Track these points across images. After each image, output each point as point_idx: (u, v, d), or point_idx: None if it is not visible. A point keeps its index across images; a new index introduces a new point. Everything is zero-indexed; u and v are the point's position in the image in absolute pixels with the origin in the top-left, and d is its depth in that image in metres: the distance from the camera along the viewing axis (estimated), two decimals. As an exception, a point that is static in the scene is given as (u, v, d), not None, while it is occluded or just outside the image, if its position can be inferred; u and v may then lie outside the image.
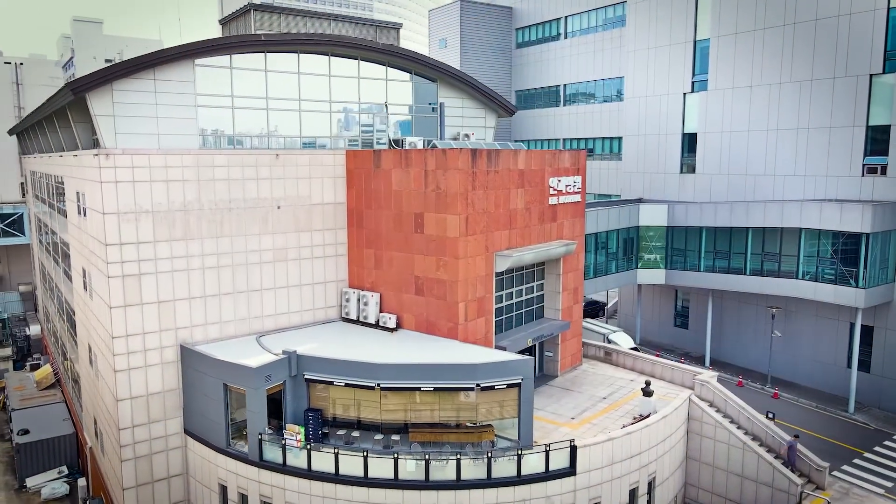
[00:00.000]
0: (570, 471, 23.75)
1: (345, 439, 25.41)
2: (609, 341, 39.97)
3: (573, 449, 23.72)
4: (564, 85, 64.16)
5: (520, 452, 23.27)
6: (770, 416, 31.45)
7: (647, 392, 28.65)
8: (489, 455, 23.08)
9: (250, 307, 28.33)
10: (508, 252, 28.66)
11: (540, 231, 31.25)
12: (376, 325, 29.67)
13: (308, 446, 23.82)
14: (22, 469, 35.47)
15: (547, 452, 23.50)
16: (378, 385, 24.58)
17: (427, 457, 22.92)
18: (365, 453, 23.15)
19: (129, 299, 25.29)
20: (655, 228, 42.66)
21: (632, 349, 38.85)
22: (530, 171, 30.22)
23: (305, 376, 25.45)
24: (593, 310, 55.70)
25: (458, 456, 22.98)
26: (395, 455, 23.01)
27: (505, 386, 24.72)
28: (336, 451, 23.37)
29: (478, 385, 24.40)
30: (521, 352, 33.80)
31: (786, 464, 28.14)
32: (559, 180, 32.08)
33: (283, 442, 23.96)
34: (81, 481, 34.19)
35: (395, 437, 25.27)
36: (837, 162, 36.98)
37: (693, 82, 44.02)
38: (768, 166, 40.11)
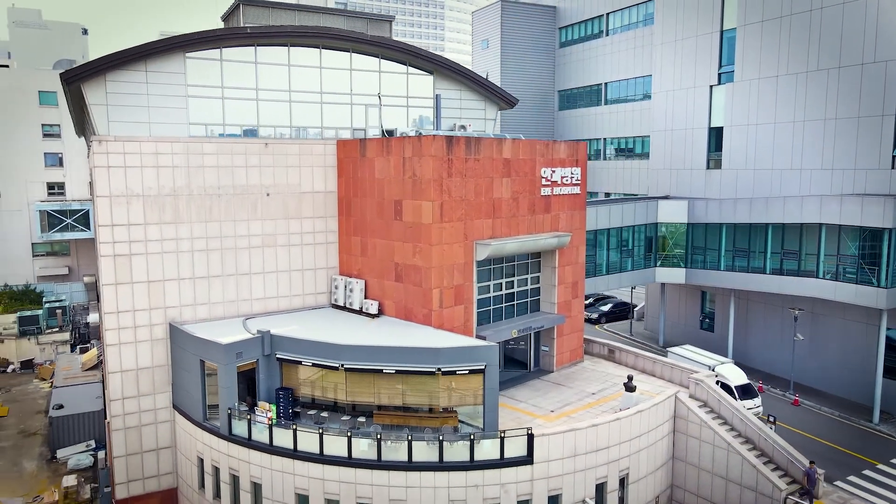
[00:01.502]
0: (527, 459, 23.33)
1: (314, 419, 25.96)
2: (715, 374, 33.80)
3: (530, 437, 23.30)
4: (606, 84, 62.92)
5: (472, 437, 23.10)
6: (770, 420, 29.73)
7: (629, 387, 27.75)
8: (440, 438, 23.03)
9: (239, 290, 29.41)
10: (487, 241, 28.49)
11: (530, 222, 30.85)
12: (360, 312, 30.15)
13: (270, 423, 24.49)
14: (54, 441, 38.03)
15: (502, 439, 23.21)
16: (342, 366, 25.02)
17: (379, 437, 23.12)
18: (320, 431, 23.61)
19: (119, 278, 26.87)
20: (675, 225, 41.15)
21: (744, 386, 33.52)
22: (518, 161, 29.93)
23: (277, 356, 26.23)
24: (622, 312, 53.98)
25: (410, 437, 23.04)
26: (349, 434, 23.35)
27: (467, 371, 24.62)
28: (294, 428, 23.95)
29: (439, 369, 24.40)
30: (515, 343, 33.67)
31: (804, 494, 25.54)
32: (553, 171, 31.57)
33: (248, 417, 24.76)
34: (101, 454, 36.37)
35: (362, 419, 25.62)
36: (865, 154, 34.53)
37: (720, 74, 42.22)
38: (794, 160, 37.89)
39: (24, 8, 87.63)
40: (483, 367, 24.53)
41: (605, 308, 54.54)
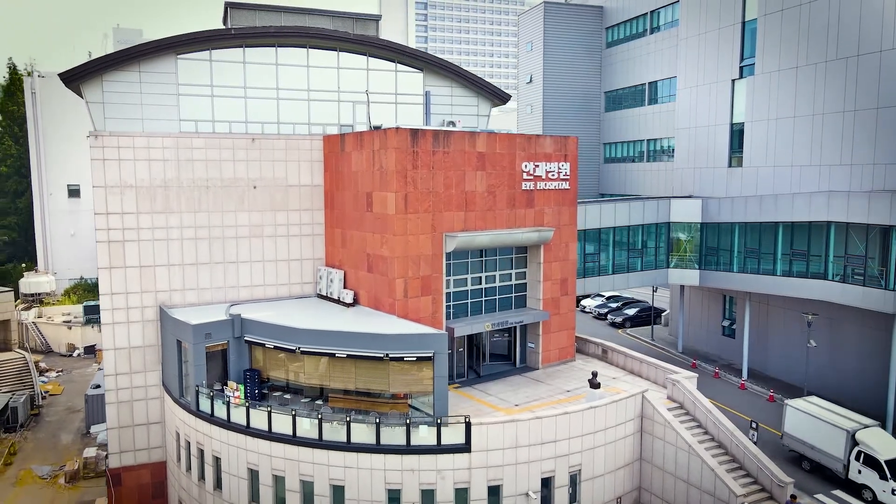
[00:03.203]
0: (464, 447, 23.36)
1: (279, 400, 27.08)
2: (856, 443, 27.29)
3: (467, 425, 23.33)
4: (649, 83, 61.21)
5: (408, 422, 23.41)
6: (753, 426, 28.14)
7: (593, 384, 27.20)
8: (377, 422, 23.49)
9: (226, 277, 31.05)
10: (456, 233, 28.69)
11: (509, 216, 30.77)
12: (338, 301, 31.08)
13: (228, 400, 25.73)
14: (88, 417, 41.34)
15: (438, 425, 23.38)
16: (298, 349, 26.01)
17: (320, 417, 23.87)
18: (269, 409, 24.63)
19: (113, 262, 29.11)
20: (689, 225, 39.55)
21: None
22: (495, 155, 29.98)
23: (245, 338, 27.57)
24: (648, 317, 52.00)
25: (349, 419, 23.65)
26: (293, 413, 24.24)
27: (415, 358, 24.99)
28: (246, 405, 25.12)
29: (386, 355, 24.90)
30: (500, 338, 33.60)
31: None
32: (536, 165, 31.36)
33: (211, 395, 26.14)
34: (124, 430, 39.10)
35: (319, 402, 26.49)
36: (884, 148, 31.95)
37: (741, 67, 40.22)
38: (814, 156, 35.58)
39: (127, 28, 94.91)
40: (432, 355, 24.81)
41: (630, 312, 52.87)
